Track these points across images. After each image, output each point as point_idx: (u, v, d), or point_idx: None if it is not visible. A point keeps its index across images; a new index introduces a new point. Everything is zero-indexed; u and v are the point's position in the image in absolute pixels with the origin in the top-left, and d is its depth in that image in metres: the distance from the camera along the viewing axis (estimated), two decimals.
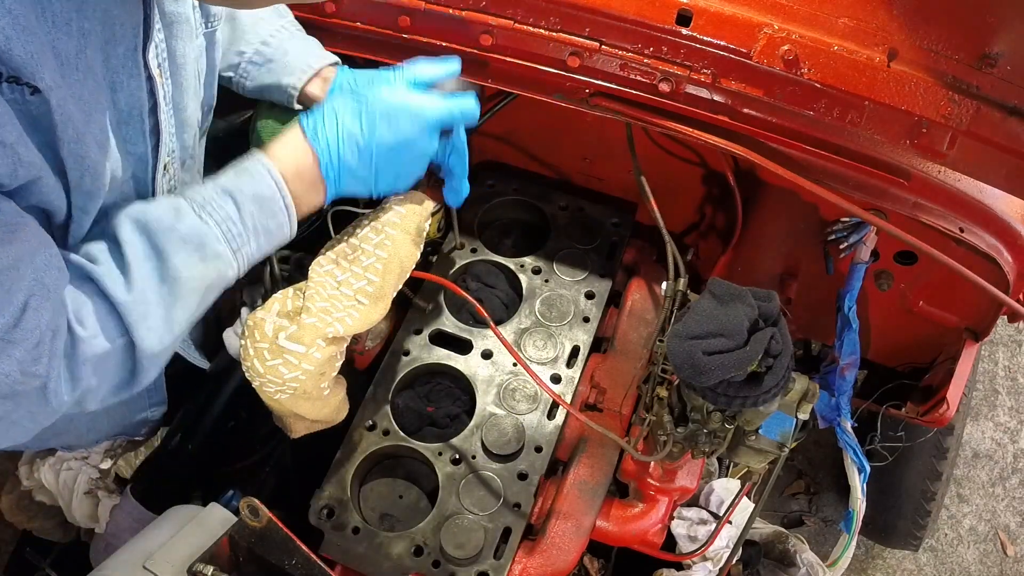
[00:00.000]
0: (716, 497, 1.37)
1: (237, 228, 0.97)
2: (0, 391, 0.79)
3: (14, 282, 0.76)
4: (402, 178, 1.10)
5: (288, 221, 1.02)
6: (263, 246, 1.02)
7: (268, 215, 1.00)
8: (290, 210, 1.02)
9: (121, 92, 0.89)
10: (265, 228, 1.00)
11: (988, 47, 1.12)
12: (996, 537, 2.50)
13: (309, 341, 1.07)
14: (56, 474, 1.32)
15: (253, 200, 0.98)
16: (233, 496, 1.27)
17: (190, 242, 0.93)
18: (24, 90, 0.72)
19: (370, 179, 1.07)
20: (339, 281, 1.12)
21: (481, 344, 1.41)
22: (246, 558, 0.99)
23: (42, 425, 0.89)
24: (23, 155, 0.74)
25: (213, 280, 0.97)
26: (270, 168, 1.00)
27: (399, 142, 1.06)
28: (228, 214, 0.96)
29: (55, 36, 0.74)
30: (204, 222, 0.95)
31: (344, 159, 1.04)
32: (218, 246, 0.95)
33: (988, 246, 1.24)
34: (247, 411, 1.41)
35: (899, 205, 1.23)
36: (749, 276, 1.65)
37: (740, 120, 1.22)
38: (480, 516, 1.24)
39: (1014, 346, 2.80)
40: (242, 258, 0.99)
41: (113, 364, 0.91)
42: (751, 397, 0.96)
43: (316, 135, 1.03)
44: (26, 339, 0.78)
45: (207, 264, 0.95)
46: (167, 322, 0.92)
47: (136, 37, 0.88)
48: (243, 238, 0.98)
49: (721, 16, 1.17)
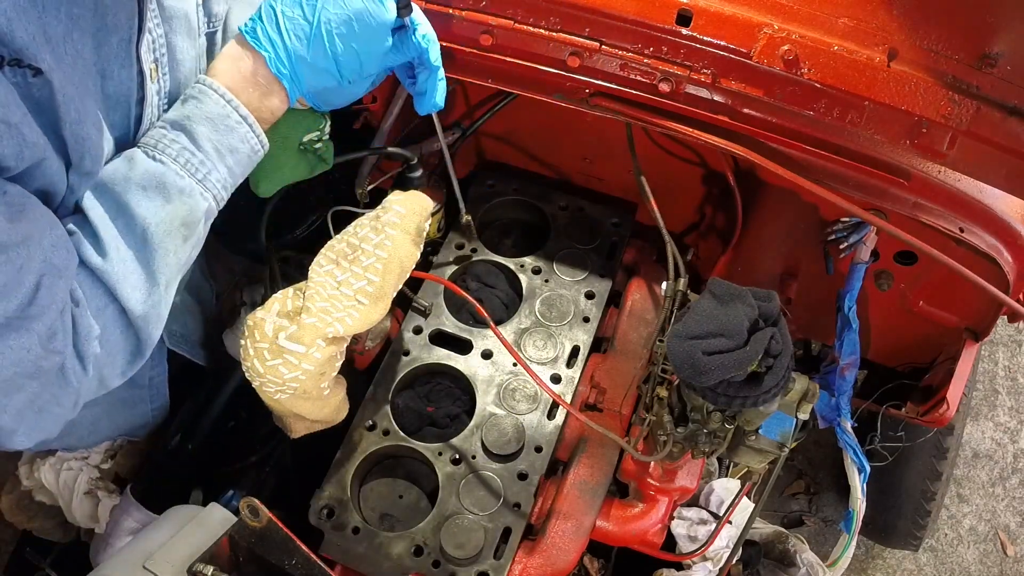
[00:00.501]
0: (716, 497, 1.37)
1: (197, 157, 0.94)
2: (25, 368, 0.80)
3: (25, 261, 0.76)
4: (366, 57, 1.04)
5: (252, 131, 0.99)
6: (234, 167, 0.99)
7: (226, 132, 0.96)
8: (249, 120, 0.98)
9: (110, 80, 0.88)
10: (229, 147, 0.97)
11: (988, 47, 1.12)
12: (996, 537, 2.50)
13: (309, 341, 1.07)
14: (56, 474, 1.31)
15: (205, 122, 0.95)
16: (233, 496, 1.27)
17: (149, 186, 0.90)
18: (26, 72, 0.72)
19: (331, 67, 1.02)
20: (339, 281, 1.13)
21: (481, 344, 1.41)
22: (246, 558, 0.99)
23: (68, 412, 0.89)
24: (28, 136, 0.74)
25: (186, 217, 0.94)
26: (212, 84, 0.97)
27: (350, 15, 0.99)
28: (183, 145, 0.94)
29: (46, 20, 0.74)
30: (159, 161, 0.92)
31: (293, 50, 0.99)
32: (180, 181, 0.92)
33: (988, 246, 1.24)
34: (247, 411, 1.41)
35: (899, 205, 1.23)
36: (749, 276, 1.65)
37: (740, 120, 1.22)
38: (480, 516, 1.24)
39: (1014, 346, 2.80)
40: (213, 184, 0.96)
41: (114, 333, 0.91)
42: (751, 397, 0.96)
43: (256, 35, 0.99)
44: (44, 314, 0.79)
45: (174, 204, 0.92)
46: (149, 276, 0.91)
47: (130, 29, 0.88)
48: (207, 165, 0.95)
49: (721, 16, 1.17)
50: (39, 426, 0.87)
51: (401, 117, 1.54)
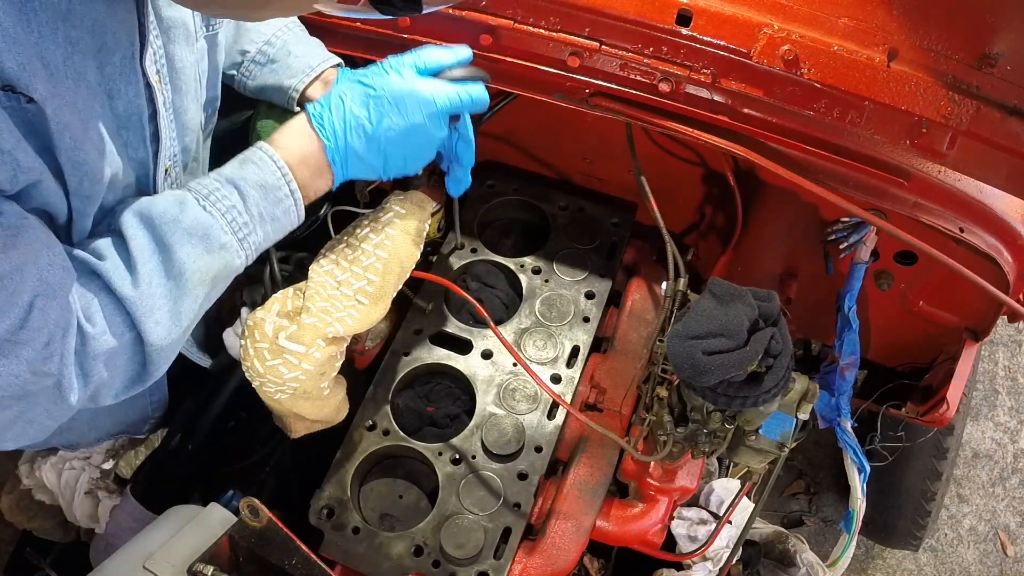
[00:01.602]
0: (716, 497, 1.37)
1: (243, 218, 0.97)
2: (13, 392, 0.80)
3: (18, 284, 0.76)
4: (411, 162, 1.10)
5: (295, 207, 1.03)
6: (270, 233, 1.02)
7: (274, 202, 1.00)
8: (296, 196, 1.02)
9: (119, 99, 0.89)
10: (271, 215, 1.00)
11: (988, 47, 1.12)
12: (996, 537, 2.50)
13: (309, 341, 1.07)
14: (58, 473, 1.32)
15: (258, 188, 0.98)
16: (233, 496, 1.27)
17: (195, 234, 0.93)
18: (20, 98, 0.72)
19: (378, 165, 1.08)
20: (339, 281, 1.13)
21: (481, 344, 1.41)
22: (246, 558, 0.99)
23: (59, 421, 0.89)
24: (22, 161, 0.74)
25: (220, 270, 0.97)
26: (274, 156, 1.00)
27: (408, 128, 1.05)
28: (232, 204, 0.96)
29: (42, 46, 0.74)
30: (208, 213, 0.95)
31: (351, 146, 1.04)
32: (223, 236, 0.95)
33: (988, 246, 1.24)
34: (247, 411, 1.41)
35: (899, 205, 1.23)
36: (749, 276, 1.65)
37: (740, 120, 1.22)
38: (480, 516, 1.24)
39: (1014, 346, 2.80)
40: (249, 246, 0.99)
41: (123, 359, 0.91)
42: (751, 397, 0.96)
43: (322, 122, 1.03)
44: (34, 339, 0.78)
45: (213, 255, 0.95)
46: (174, 315, 0.93)
47: (132, 45, 0.88)
48: (249, 227, 0.98)
49: (721, 16, 1.17)
50: (27, 434, 0.88)
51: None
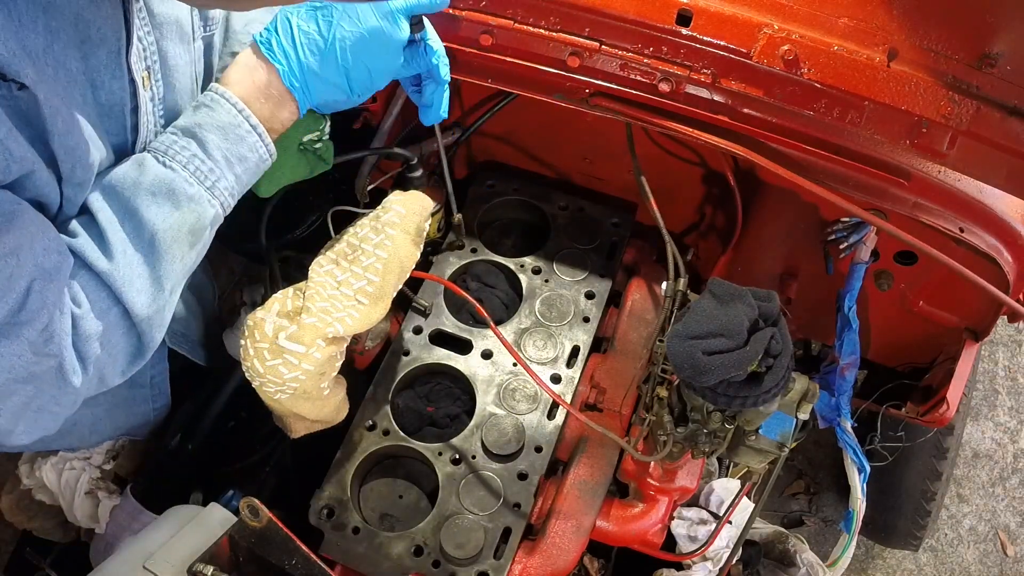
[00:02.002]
0: (716, 497, 1.37)
1: (207, 165, 0.95)
2: (17, 374, 0.80)
3: (15, 268, 0.76)
4: (376, 74, 1.05)
5: (261, 142, 0.99)
6: (242, 175, 0.99)
7: (236, 141, 0.97)
8: (259, 130, 0.99)
9: (102, 90, 0.88)
10: (238, 156, 0.97)
11: (988, 47, 1.12)
12: (996, 537, 2.50)
13: (309, 341, 1.07)
14: (58, 474, 1.31)
15: (216, 131, 0.96)
16: (233, 496, 1.27)
17: (158, 192, 0.91)
18: (11, 86, 0.72)
19: (342, 83, 1.03)
20: (339, 281, 1.13)
21: (481, 344, 1.41)
22: (246, 558, 0.99)
23: (67, 410, 0.89)
24: (14, 150, 0.74)
25: (193, 224, 0.95)
26: (224, 93, 0.97)
27: (364, 34, 1.00)
28: (192, 152, 0.94)
29: (23, 35, 0.74)
30: (169, 168, 0.92)
31: (306, 65, 0.99)
32: (189, 188, 0.93)
33: (988, 246, 1.24)
34: (247, 411, 1.41)
35: (899, 205, 1.23)
36: (749, 276, 1.65)
37: (740, 120, 1.22)
38: (480, 516, 1.24)
39: (1014, 346, 2.80)
40: (220, 192, 0.97)
41: (116, 335, 0.91)
42: (751, 397, 0.96)
43: (271, 47, 0.99)
44: (33, 320, 0.79)
45: (182, 210, 0.93)
46: (155, 280, 0.91)
47: (118, 41, 0.87)
48: (216, 173, 0.96)
49: (721, 16, 1.17)
50: (38, 424, 0.88)
51: (401, 117, 1.54)
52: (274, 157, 1.03)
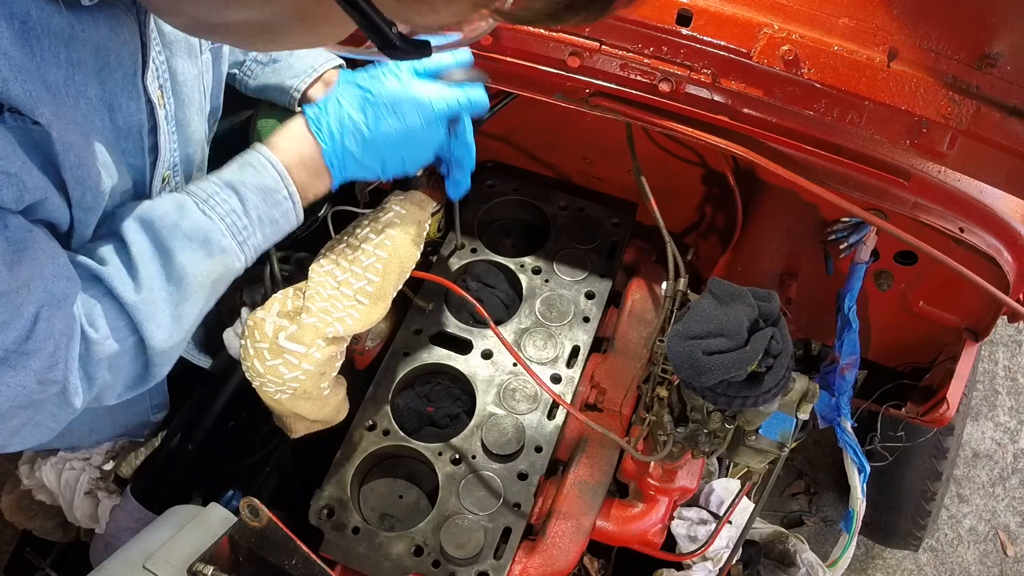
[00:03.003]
0: (716, 497, 1.37)
1: (242, 221, 0.98)
2: (20, 402, 0.80)
3: (24, 298, 0.76)
4: (409, 165, 1.10)
5: (293, 209, 1.03)
6: (269, 235, 1.02)
7: (272, 205, 1.00)
8: (295, 198, 1.02)
9: (119, 113, 0.89)
10: (271, 218, 1.01)
11: (988, 47, 1.12)
12: (996, 537, 2.50)
13: (309, 341, 1.07)
14: (58, 474, 1.32)
15: (256, 191, 0.99)
16: (233, 496, 1.27)
17: (195, 238, 0.93)
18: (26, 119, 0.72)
19: (376, 167, 1.08)
20: (339, 281, 1.13)
21: (481, 344, 1.41)
22: (246, 558, 0.99)
23: (64, 423, 0.90)
24: (28, 182, 0.74)
25: (220, 274, 0.97)
26: (272, 159, 1.00)
27: (405, 132, 1.05)
28: (232, 207, 0.97)
29: (44, 69, 0.73)
30: (208, 217, 0.95)
31: (348, 149, 1.04)
32: (223, 240, 0.96)
33: (988, 246, 1.24)
34: (247, 411, 1.41)
35: (899, 205, 1.23)
36: (749, 276, 1.65)
37: (740, 120, 1.22)
38: (480, 516, 1.24)
39: (1014, 346, 2.80)
40: (249, 249, 1.00)
41: (126, 361, 0.92)
42: (751, 397, 0.96)
43: (319, 125, 1.03)
44: (41, 349, 0.79)
45: (213, 259, 0.95)
46: (175, 319, 0.93)
47: (135, 64, 0.88)
48: (249, 230, 0.99)
49: (721, 16, 1.17)
50: (34, 437, 0.89)
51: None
52: (300, 222, 1.06)
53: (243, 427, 1.43)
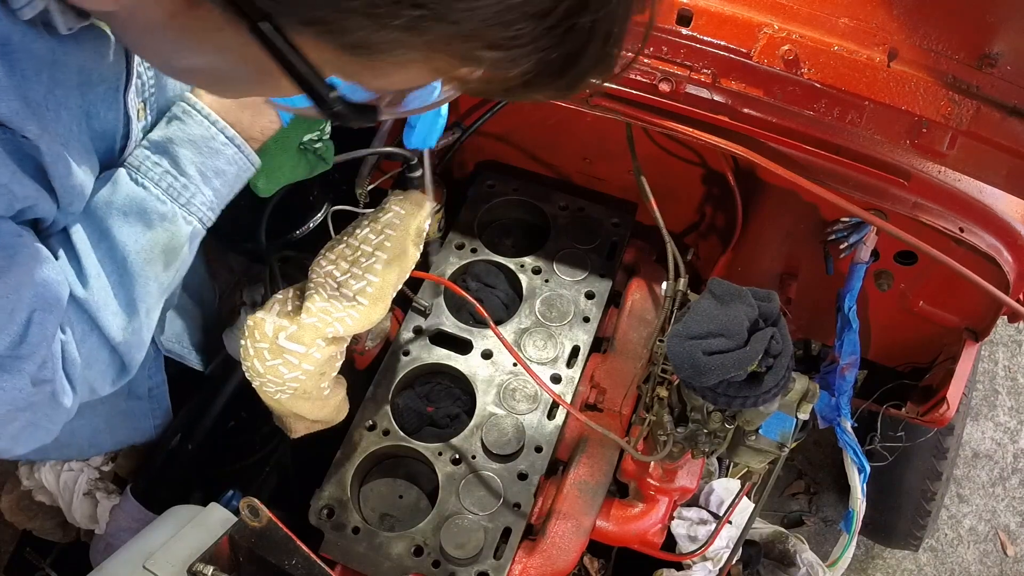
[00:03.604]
0: (716, 497, 1.37)
1: (180, 181, 0.91)
2: (17, 404, 0.80)
3: (15, 304, 0.76)
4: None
5: (239, 152, 0.95)
6: (221, 188, 0.95)
7: (211, 154, 0.93)
8: (236, 141, 0.94)
9: (96, 119, 0.87)
10: (214, 169, 0.94)
11: (988, 47, 1.12)
12: (996, 537, 2.50)
13: (309, 341, 1.07)
14: (56, 475, 1.31)
15: (188, 144, 0.92)
16: (233, 496, 1.27)
17: (130, 212, 0.88)
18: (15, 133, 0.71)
19: None
20: (339, 281, 1.13)
21: (481, 344, 1.41)
22: (246, 558, 0.99)
23: (61, 423, 0.89)
24: (17, 191, 0.74)
25: (167, 242, 0.91)
26: (195, 105, 0.93)
27: None
28: (165, 169, 0.91)
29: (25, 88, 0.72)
30: (141, 185, 0.90)
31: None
32: (161, 207, 0.90)
33: (988, 246, 1.24)
34: (247, 411, 1.41)
35: (899, 205, 1.23)
36: (749, 276, 1.65)
37: (740, 120, 1.22)
38: (480, 516, 1.24)
39: (1014, 346, 2.80)
40: (197, 208, 0.93)
41: (98, 358, 0.90)
42: (751, 397, 0.96)
43: None
44: (34, 354, 0.79)
45: (155, 229, 0.90)
46: (128, 304, 0.89)
47: (118, 79, 0.86)
48: (190, 188, 0.92)
49: (721, 16, 1.17)
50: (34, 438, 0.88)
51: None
52: (257, 166, 0.99)
53: (243, 427, 1.43)
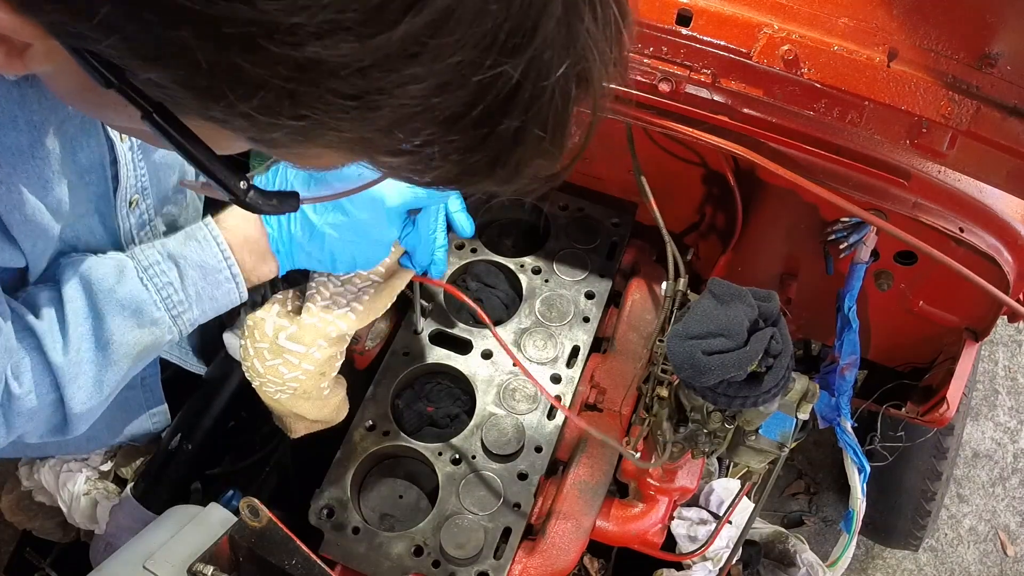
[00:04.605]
0: (716, 497, 1.37)
1: (178, 295, 0.96)
2: None
3: None
4: (361, 262, 1.08)
5: (236, 288, 1.01)
6: (208, 311, 1.00)
7: (213, 284, 0.99)
8: (237, 279, 1.00)
9: (81, 152, 0.88)
10: (210, 296, 0.99)
11: (988, 47, 1.12)
12: (996, 537, 2.50)
13: (309, 341, 1.07)
14: (56, 475, 1.31)
15: (197, 268, 0.97)
16: (233, 496, 1.27)
17: (128, 307, 0.92)
18: None
19: (326, 260, 1.05)
20: (339, 281, 1.13)
21: (481, 344, 1.41)
22: (246, 558, 0.99)
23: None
24: None
25: (148, 344, 0.96)
26: (217, 237, 0.98)
27: (354, 226, 1.02)
28: (170, 280, 0.95)
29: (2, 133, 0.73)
30: (144, 287, 0.94)
31: (295, 237, 1.02)
32: (156, 312, 0.94)
33: (988, 246, 1.24)
34: (247, 411, 1.41)
35: (899, 205, 1.23)
36: (749, 276, 1.65)
37: (740, 120, 1.22)
38: (480, 516, 1.24)
39: (1014, 346, 2.80)
40: (183, 323, 0.98)
41: (44, 416, 0.92)
42: (751, 397, 0.96)
43: None
44: None
45: (143, 329, 0.94)
46: (97, 384, 0.92)
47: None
48: (184, 305, 0.97)
49: (721, 16, 1.17)
50: None
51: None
52: (244, 300, 1.04)
53: (243, 427, 1.43)
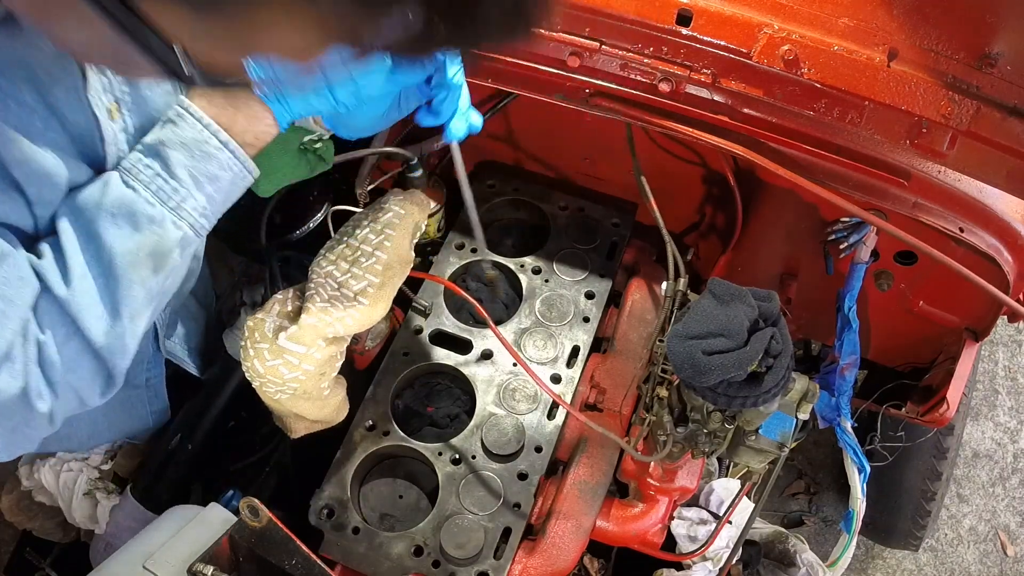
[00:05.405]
0: (716, 497, 1.37)
1: (170, 184, 0.89)
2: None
3: None
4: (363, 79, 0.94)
5: (234, 157, 0.92)
6: (215, 194, 0.92)
7: (203, 159, 0.90)
8: (229, 145, 0.91)
9: (67, 124, 0.86)
10: (208, 174, 0.91)
11: (988, 47, 1.12)
12: (996, 537, 2.50)
13: (309, 341, 1.07)
14: (56, 475, 1.31)
15: (180, 147, 0.90)
16: (233, 496, 1.27)
17: (119, 214, 0.87)
18: None
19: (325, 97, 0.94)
20: (339, 281, 1.13)
21: (481, 344, 1.41)
22: (246, 558, 0.99)
23: (43, 431, 0.88)
24: None
25: (154, 246, 0.89)
26: (189, 107, 0.90)
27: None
28: (156, 172, 0.89)
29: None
30: (130, 187, 0.88)
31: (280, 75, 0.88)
32: (150, 209, 0.88)
33: (988, 246, 1.24)
34: (247, 411, 1.41)
35: (899, 205, 1.23)
36: (749, 276, 1.65)
37: (740, 120, 1.22)
38: (480, 516, 1.24)
39: (1014, 346, 2.80)
40: (188, 213, 0.91)
41: (80, 363, 0.88)
42: (751, 397, 0.96)
43: None
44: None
45: (142, 233, 0.88)
46: (112, 307, 0.88)
47: (74, 78, 0.85)
48: (180, 192, 0.90)
49: (721, 16, 1.17)
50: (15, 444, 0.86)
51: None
52: (255, 174, 0.97)
53: (243, 427, 1.43)
